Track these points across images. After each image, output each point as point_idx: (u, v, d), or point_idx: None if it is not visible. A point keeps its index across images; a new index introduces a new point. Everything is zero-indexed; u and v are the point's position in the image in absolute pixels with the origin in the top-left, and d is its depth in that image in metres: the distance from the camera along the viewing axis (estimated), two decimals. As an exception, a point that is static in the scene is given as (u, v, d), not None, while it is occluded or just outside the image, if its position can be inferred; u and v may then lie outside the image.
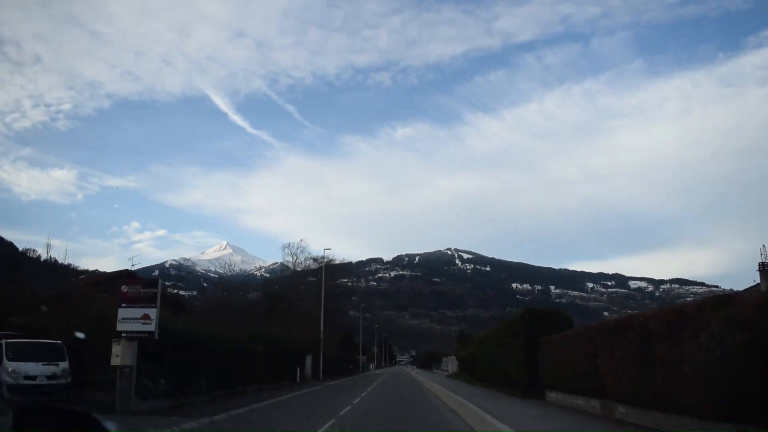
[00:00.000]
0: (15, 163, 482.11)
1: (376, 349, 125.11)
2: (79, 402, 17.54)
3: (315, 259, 67.50)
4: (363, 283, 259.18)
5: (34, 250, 67.86)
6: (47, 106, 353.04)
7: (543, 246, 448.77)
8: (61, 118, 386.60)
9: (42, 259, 71.08)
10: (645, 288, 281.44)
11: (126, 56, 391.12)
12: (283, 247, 71.45)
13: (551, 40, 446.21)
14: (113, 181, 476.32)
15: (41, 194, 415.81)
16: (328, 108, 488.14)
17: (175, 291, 64.07)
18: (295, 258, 69.57)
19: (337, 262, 73.70)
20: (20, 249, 66.57)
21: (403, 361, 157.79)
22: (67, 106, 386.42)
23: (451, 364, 65.98)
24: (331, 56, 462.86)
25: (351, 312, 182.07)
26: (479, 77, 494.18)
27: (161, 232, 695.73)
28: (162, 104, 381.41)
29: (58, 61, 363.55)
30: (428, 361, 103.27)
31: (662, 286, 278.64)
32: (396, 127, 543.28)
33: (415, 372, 77.56)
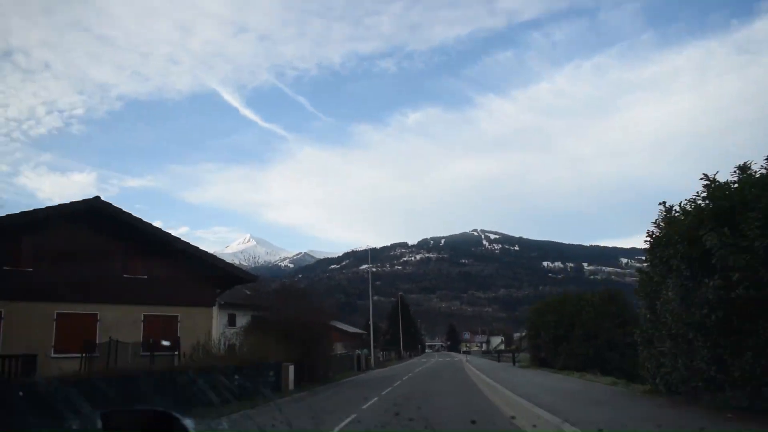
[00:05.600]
0: (36, 169, 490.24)
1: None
2: None
3: None
4: (388, 268, 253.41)
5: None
6: (60, 111, 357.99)
7: (570, 224, 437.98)
8: (75, 122, 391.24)
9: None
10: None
11: (132, 57, 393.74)
12: None
13: (557, 16, 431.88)
14: (133, 182, 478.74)
15: (64, 198, 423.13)
16: (338, 98, 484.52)
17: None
18: None
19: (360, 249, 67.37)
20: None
21: (435, 347, 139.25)
22: (79, 111, 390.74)
23: None
24: (334, 46, 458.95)
25: (375, 297, 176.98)
26: (487, 58, 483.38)
27: (183, 229, 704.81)
28: (173, 103, 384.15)
29: (66, 66, 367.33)
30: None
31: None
32: (407, 113, 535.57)
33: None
